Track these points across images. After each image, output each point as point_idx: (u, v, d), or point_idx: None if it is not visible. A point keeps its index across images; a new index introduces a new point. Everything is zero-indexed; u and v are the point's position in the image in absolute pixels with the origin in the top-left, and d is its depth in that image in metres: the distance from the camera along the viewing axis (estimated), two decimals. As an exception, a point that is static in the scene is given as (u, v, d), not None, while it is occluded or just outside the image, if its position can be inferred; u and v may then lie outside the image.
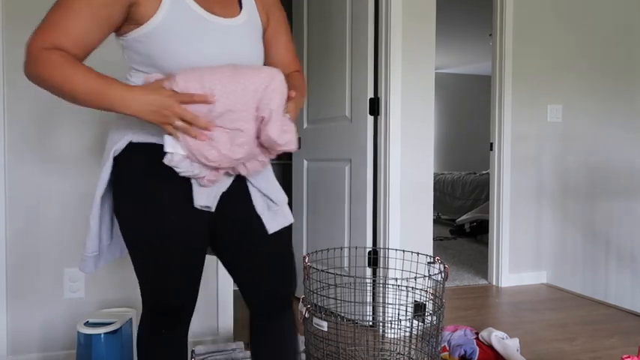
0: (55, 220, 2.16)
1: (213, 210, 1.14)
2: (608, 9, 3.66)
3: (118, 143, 1.12)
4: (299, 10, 3.21)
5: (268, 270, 1.20)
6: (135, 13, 1.04)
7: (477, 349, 2.11)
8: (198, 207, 1.11)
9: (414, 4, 2.66)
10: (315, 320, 1.10)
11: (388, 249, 2.56)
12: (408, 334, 1.23)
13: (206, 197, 1.11)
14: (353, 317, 1.23)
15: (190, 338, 2.28)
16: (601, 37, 3.67)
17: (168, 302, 1.18)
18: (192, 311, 1.25)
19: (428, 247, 2.73)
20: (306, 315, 1.15)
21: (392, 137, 2.64)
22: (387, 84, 2.63)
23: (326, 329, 1.08)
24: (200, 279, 1.22)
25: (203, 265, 1.21)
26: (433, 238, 2.80)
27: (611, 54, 3.66)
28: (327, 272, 1.14)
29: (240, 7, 1.18)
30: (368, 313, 2.55)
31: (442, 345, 2.09)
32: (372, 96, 2.68)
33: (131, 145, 1.11)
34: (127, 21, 1.06)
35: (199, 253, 1.18)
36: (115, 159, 1.13)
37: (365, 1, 2.67)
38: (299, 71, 1.32)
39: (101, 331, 1.82)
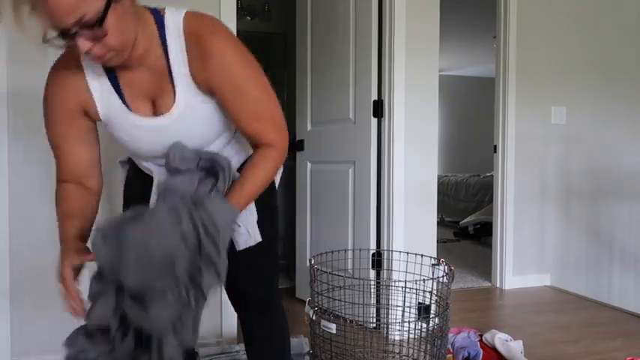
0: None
1: None
2: (612, 10, 3.65)
3: None
4: (302, 12, 3.22)
5: (237, 278, 1.27)
6: (90, 115, 1.17)
7: (481, 351, 2.11)
8: None
9: (417, 6, 2.67)
10: (324, 323, 1.10)
11: (392, 251, 2.56)
12: (412, 336, 1.23)
13: None
14: (358, 319, 1.24)
15: (194, 340, 2.28)
16: (605, 39, 3.66)
17: None
18: None
19: (432, 249, 2.73)
20: (313, 317, 1.15)
21: (396, 139, 2.64)
22: (391, 86, 2.63)
23: (334, 332, 1.09)
24: None
25: None
26: (437, 241, 2.80)
27: (615, 56, 3.65)
28: (336, 274, 1.14)
29: (175, 96, 1.10)
30: (372, 315, 2.55)
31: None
32: (376, 98, 2.68)
33: None
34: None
35: None
36: None
37: (368, 3, 2.67)
38: (269, 145, 1.16)
39: (106, 332, 1.82)
